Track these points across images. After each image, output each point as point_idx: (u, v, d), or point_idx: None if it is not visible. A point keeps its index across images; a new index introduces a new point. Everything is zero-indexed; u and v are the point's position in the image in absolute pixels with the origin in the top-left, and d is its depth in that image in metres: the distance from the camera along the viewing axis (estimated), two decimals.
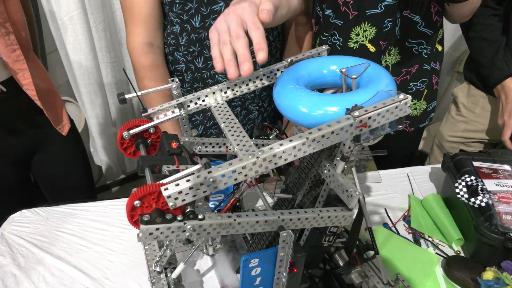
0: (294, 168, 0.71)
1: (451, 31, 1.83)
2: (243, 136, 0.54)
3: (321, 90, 0.65)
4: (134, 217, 0.46)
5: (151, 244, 0.73)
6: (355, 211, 0.64)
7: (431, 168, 1.14)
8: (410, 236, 0.93)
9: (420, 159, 1.70)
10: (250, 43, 0.51)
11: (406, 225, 0.95)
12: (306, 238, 0.68)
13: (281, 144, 0.47)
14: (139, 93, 0.60)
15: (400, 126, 0.53)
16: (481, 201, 0.82)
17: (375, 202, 1.03)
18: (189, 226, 0.47)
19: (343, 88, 0.61)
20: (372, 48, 0.93)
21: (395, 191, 1.07)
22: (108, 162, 1.97)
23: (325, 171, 0.63)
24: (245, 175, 0.47)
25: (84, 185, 1.28)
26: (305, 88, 0.57)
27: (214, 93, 0.63)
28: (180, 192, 0.44)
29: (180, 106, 0.62)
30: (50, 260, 0.85)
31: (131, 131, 0.57)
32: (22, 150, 1.07)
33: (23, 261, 0.85)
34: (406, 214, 0.99)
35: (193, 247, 0.78)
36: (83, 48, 1.63)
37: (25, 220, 0.95)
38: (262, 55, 0.49)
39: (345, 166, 0.61)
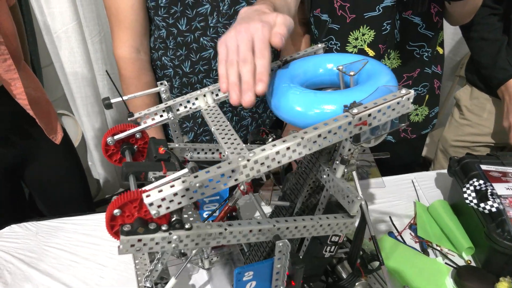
0: (292, 174, 0.67)
1: (450, 35, 1.81)
2: (235, 139, 0.50)
3: (319, 89, 0.61)
4: (114, 227, 0.42)
5: (141, 257, 0.69)
6: (357, 219, 0.60)
7: (436, 173, 1.10)
8: (417, 246, 0.88)
9: (424, 166, 1.65)
10: None
11: (413, 234, 0.91)
12: (306, 249, 0.64)
13: (274, 145, 0.43)
14: (124, 98, 0.57)
15: (403, 124, 0.49)
16: (492, 206, 0.77)
17: (379, 210, 0.99)
18: (175, 237, 0.43)
19: (341, 86, 0.58)
20: (371, 52, 0.90)
21: (400, 198, 1.02)
22: (106, 175, 1.94)
23: (324, 176, 0.59)
24: (236, 180, 0.43)
25: (80, 196, 1.25)
26: (301, 86, 0.53)
27: (204, 95, 0.60)
28: (164, 199, 0.40)
29: (169, 109, 0.58)
30: (38, 277, 0.81)
31: (116, 137, 0.54)
32: (12, 160, 1.05)
33: (10, 278, 0.81)
34: (412, 222, 0.94)
35: (186, 260, 0.74)
36: (79, 61, 1.61)
37: (14, 235, 0.91)
38: (261, 87, 0.48)
39: (345, 170, 0.57)
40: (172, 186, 0.41)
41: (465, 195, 0.82)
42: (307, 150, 0.44)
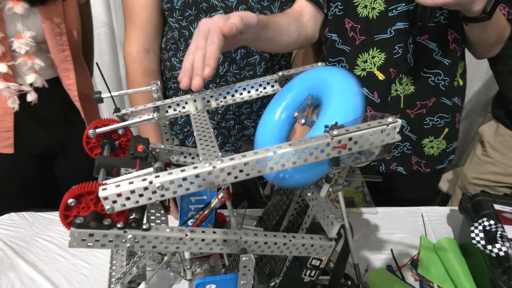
0: (276, 191, 0.64)
1: (484, 69, 1.73)
2: (213, 146, 0.48)
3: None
4: (68, 218, 0.41)
5: (118, 259, 0.68)
6: (340, 242, 0.56)
7: (449, 209, 1.02)
8: (416, 284, 0.82)
9: (443, 202, 1.57)
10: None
11: (414, 271, 0.84)
12: (286, 270, 0.60)
13: (243, 156, 0.41)
14: (113, 94, 0.57)
15: (387, 155, 0.46)
16: (500, 249, 0.70)
17: (382, 241, 0.93)
18: (129, 236, 0.41)
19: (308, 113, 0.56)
20: (381, 76, 0.86)
21: (406, 231, 0.96)
22: None
23: (309, 194, 0.56)
24: (199, 186, 0.41)
25: None
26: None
27: (195, 100, 0.59)
28: (120, 194, 0.39)
29: (157, 109, 0.57)
30: (24, 267, 0.81)
31: (98, 130, 0.53)
32: (47, 148, 1.09)
33: None
34: (415, 258, 0.87)
35: (169, 268, 0.72)
36: (107, 64, 1.67)
37: (11, 223, 0.92)
38: (207, 71, 0.53)
39: (330, 190, 0.54)
40: (130, 183, 0.39)
41: (473, 234, 0.75)
42: (279, 166, 0.42)
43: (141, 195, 0.39)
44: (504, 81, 1.05)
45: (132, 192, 0.39)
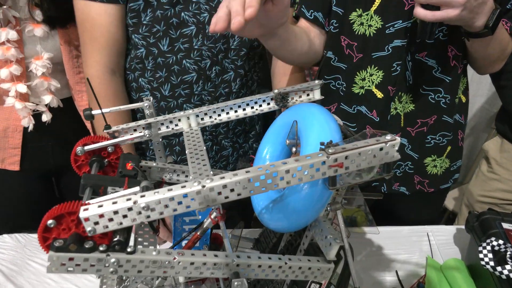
0: None
1: (487, 86, 1.71)
2: (204, 165, 0.46)
3: None
4: (48, 240, 0.38)
5: (109, 283, 0.64)
6: (341, 265, 0.53)
7: (456, 228, 0.99)
8: None
9: (450, 221, 1.52)
10: None
11: None
12: None
13: (235, 175, 0.39)
14: (103, 110, 0.55)
15: (387, 175, 0.43)
16: (510, 271, 0.67)
17: (386, 262, 0.89)
18: (113, 260, 0.39)
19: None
20: (379, 94, 0.84)
21: (411, 251, 0.92)
22: None
23: None
24: (187, 206, 0.38)
25: None
26: None
27: (188, 118, 0.57)
28: (102, 215, 0.36)
29: (148, 126, 0.56)
30: None
31: (86, 147, 0.52)
32: (53, 167, 1.09)
33: None
34: (421, 280, 0.83)
35: None
36: None
37: (2, 245, 0.90)
38: (249, 11, 0.48)
39: (329, 208, 0.52)
40: (114, 203, 0.37)
41: (481, 255, 0.72)
42: (271, 186, 0.39)
43: (125, 216, 0.37)
44: (507, 96, 1.04)
45: (116, 212, 0.37)
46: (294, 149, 0.52)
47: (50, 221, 0.37)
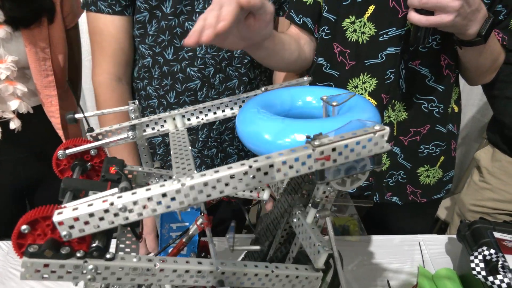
0: (266, 215, 0.60)
1: (478, 95, 1.72)
2: (188, 165, 0.45)
3: None
4: (23, 247, 0.36)
5: None
6: (330, 274, 0.52)
7: (448, 238, 0.98)
8: None
9: (442, 231, 1.51)
10: None
11: None
12: None
13: (216, 171, 0.37)
14: (87, 114, 0.53)
15: (377, 167, 0.42)
16: (502, 281, 0.66)
17: (377, 272, 0.88)
18: (90, 267, 0.37)
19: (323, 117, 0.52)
20: (373, 102, 0.83)
21: (403, 260, 0.91)
22: None
23: (295, 220, 0.52)
24: (167, 206, 0.37)
25: None
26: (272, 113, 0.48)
27: (174, 118, 0.56)
28: (77, 219, 0.35)
29: (133, 128, 0.54)
30: None
31: (68, 151, 0.50)
32: (25, 183, 1.03)
33: None
34: None
35: None
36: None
37: None
38: (221, 24, 0.48)
39: (317, 215, 0.50)
40: (89, 205, 0.35)
41: (473, 265, 0.71)
42: (256, 182, 0.38)
43: (101, 219, 0.35)
44: (499, 106, 1.04)
45: (91, 215, 0.35)
46: (335, 103, 0.49)
47: (24, 227, 0.35)
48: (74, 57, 1.10)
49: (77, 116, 0.54)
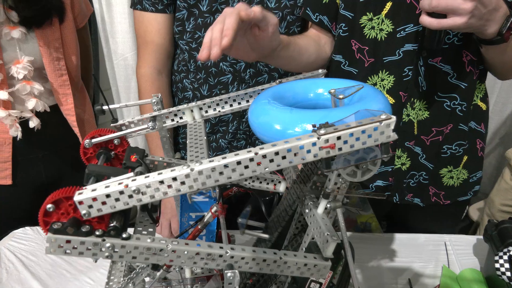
0: (278, 205, 0.61)
1: None
2: (202, 153, 0.47)
3: None
4: (49, 224, 0.40)
5: (117, 274, 0.66)
6: (340, 264, 0.52)
7: (476, 239, 0.95)
8: None
9: (474, 233, 1.46)
10: None
11: None
12: None
13: (224, 158, 0.39)
14: (111, 106, 0.57)
15: (385, 156, 0.42)
16: None
17: (400, 269, 0.87)
18: (108, 244, 0.40)
19: None
20: (391, 100, 0.82)
21: (426, 260, 0.89)
22: None
23: (307, 211, 0.53)
24: (178, 190, 0.39)
25: None
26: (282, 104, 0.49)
27: (192, 110, 0.59)
28: (95, 199, 0.38)
29: (153, 119, 0.57)
30: (30, 281, 0.82)
31: (93, 140, 0.54)
32: (46, 181, 1.07)
33: (5, 277, 0.82)
34: None
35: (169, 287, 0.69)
36: (133, 87, 1.72)
37: (24, 237, 0.94)
38: (225, 41, 0.52)
39: (328, 206, 0.51)
40: (106, 187, 0.38)
41: (497, 265, 0.68)
42: (262, 168, 0.40)
43: (117, 200, 0.38)
44: None
45: (108, 196, 0.38)
46: (341, 96, 0.51)
47: (49, 206, 0.39)
48: (85, 57, 1.13)
49: (105, 107, 0.58)
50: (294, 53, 0.77)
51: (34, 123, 0.96)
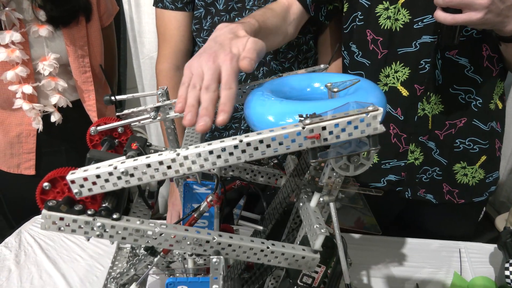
0: (274, 198, 0.61)
1: None
2: (195, 142, 0.48)
3: None
4: (45, 202, 0.42)
5: (122, 260, 0.69)
6: (333, 260, 0.52)
7: (494, 247, 0.91)
8: None
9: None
10: None
11: None
12: (278, 285, 0.57)
13: (209, 144, 0.40)
14: (118, 97, 0.60)
15: (373, 148, 0.42)
16: None
17: (409, 274, 0.84)
18: (98, 224, 0.42)
19: None
20: (405, 92, 0.80)
21: (437, 266, 0.86)
22: (165, 194, 2.03)
23: (301, 204, 0.53)
24: (164, 173, 0.41)
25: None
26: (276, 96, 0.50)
27: None
28: (86, 179, 0.40)
29: (156, 110, 0.59)
30: (45, 263, 0.86)
31: (99, 128, 0.56)
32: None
33: (23, 259, 0.87)
34: None
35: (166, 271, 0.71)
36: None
37: None
38: (222, 117, 0.44)
39: (322, 199, 0.51)
40: (97, 168, 0.40)
41: (507, 273, 0.66)
42: (246, 156, 0.40)
43: (106, 180, 0.40)
44: None
45: (98, 176, 0.40)
46: (336, 89, 0.50)
47: (45, 184, 0.41)
48: (109, 55, 1.17)
49: (120, 97, 0.61)
50: (262, 39, 0.73)
51: (55, 117, 1.01)
